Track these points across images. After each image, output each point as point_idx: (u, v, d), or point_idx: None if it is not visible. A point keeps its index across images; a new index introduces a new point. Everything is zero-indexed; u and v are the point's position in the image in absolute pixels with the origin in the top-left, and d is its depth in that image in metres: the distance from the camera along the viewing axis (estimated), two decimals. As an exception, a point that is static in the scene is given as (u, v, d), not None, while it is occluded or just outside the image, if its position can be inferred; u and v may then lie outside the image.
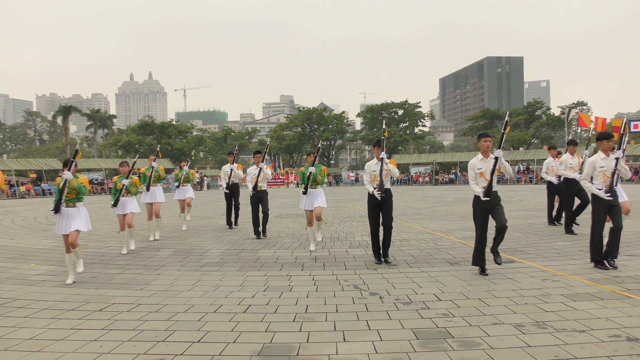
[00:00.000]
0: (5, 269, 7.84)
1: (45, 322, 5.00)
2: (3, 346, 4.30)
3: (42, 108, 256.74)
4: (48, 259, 8.81)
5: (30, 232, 13.03)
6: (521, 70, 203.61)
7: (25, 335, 4.60)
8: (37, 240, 11.24)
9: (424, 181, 50.68)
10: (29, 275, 7.42)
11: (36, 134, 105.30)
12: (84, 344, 4.32)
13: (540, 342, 4.13)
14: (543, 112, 68.80)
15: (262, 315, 5.09)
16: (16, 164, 45.21)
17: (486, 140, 6.75)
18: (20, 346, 4.30)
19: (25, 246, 10.38)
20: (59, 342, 4.38)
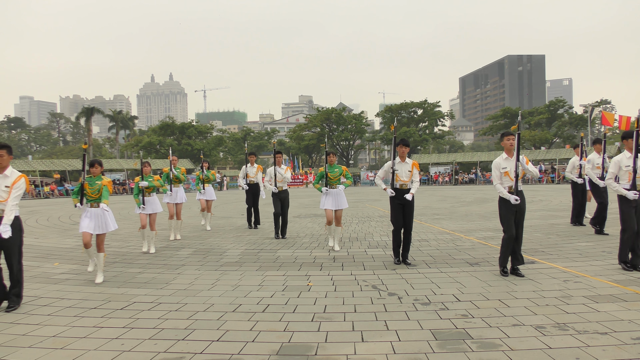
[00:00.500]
0: (30, 268, 8.01)
1: (69, 320, 5.10)
2: (27, 343, 4.39)
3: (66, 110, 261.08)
4: (71, 258, 8.97)
5: (54, 231, 13.27)
6: (543, 69, 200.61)
7: (49, 332, 4.69)
8: (60, 240, 11.45)
9: (444, 181, 50.33)
10: (53, 273, 7.56)
11: (60, 135, 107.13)
12: (106, 342, 4.39)
13: (561, 343, 4.08)
14: (565, 110, 67.80)
15: (280, 314, 5.11)
16: (41, 165, 46.09)
17: (509, 138, 6.68)
18: (44, 343, 4.39)
19: (49, 245, 10.57)
20: (82, 340, 4.46)
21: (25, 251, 9.64)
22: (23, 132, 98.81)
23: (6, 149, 5.65)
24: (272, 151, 11.02)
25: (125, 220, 16.16)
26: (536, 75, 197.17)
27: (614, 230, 10.35)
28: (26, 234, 12.65)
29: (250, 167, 12.44)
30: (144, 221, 9.37)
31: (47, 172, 47.00)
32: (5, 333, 4.69)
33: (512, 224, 6.60)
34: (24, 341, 4.45)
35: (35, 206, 25.22)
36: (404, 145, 7.61)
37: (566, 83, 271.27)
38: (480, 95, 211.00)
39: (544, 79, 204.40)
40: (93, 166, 7.03)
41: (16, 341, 4.45)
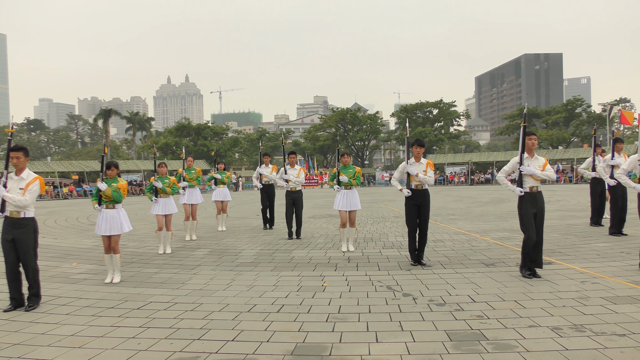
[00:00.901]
0: (49, 268, 8.13)
1: (86, 319, 5.17)
2: (46, 342, 4.46)
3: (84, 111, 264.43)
4: (89, 258, 9.08)
5: (72, 232, 13.45)
6: (560, 67, 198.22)
7: (67, 331, 4.76)
8: (78, 240, 11.60)
9: (460, 181, 50.00)
10: (71, 273, 7.67)
11: (78, 137, 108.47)
12: (123, 341, 4.44)
13: (579, 345, 4.03)
14: (583, 109, 66.94)
15: (295, 315, 5.13)
16: (59, 166, 46.74)
17: (531, 138, 6.63)
18: (62, 342, 4.45)
19: (67, 246, 10.72)
20: (99, 339, 4.52)
21: (44, 251, 9.83)
22: (42, 134, 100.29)
23: (22, 151, 5.74)
24: (283, 151, 11.07)
25: (142, 221, 16.32)
26: (553, 74, 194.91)
27: (634, 231, 10.22)
28: (45, 234, 12.84)
29: (265, 167, 12.48)
30: (160, 223, 9.45)
31: (66, 173, 47.64)
32: (25, 332, 4.77)
33: (530, 226, 6.53)
34: (42, 340, 4.52)
35: (53, 207, 25.58)
36: (418, 146, 7.58)
37: (584, 81, 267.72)
38: (497, 94, 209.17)
39: (562, 78, 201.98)
40: (109, 168, 7.10)
41: (35, 340, 4.53)
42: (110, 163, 7.16)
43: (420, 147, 7.60)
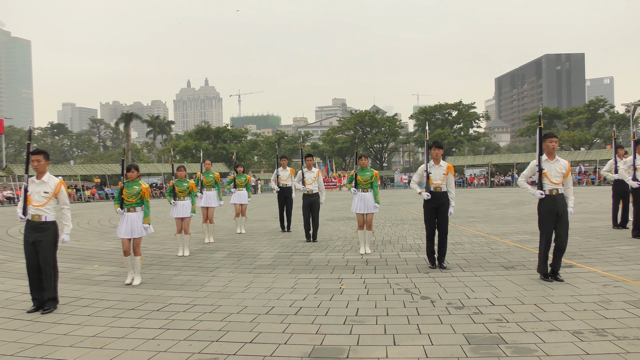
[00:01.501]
0: (71, 270, 8.26)
1: (107, 320, 5.25)
2: (68, 343, 4.54)
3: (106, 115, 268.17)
4: (110, 260, 9.21)
5: (94, 234, 13.65)
6: (582, 67, 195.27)
7: (88, 332, 4.84)
8: (100, 242, 11.78)
9: (479, 183, 49.54)
10: (93, 275, 7.79)
11: (100, 141, 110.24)
12: (143, 342, 4.50)
13: (600, 350, 3.97)
14: (606, 110, 65.93)
15: (313, 317, 5.14)
16: (82, 170, 47.51)
17: (552, 140, 6.55)
18: (84, 343, 4.53)
19: (89, 248, 10.89)
20: (120, 340, 4.59)
21: (66, 253, 10.00)
22: (65, 137, 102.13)
23: (43, 155, 5.84)
24: (302, 154, 11.12)
25: (162, 223, 16.49)
26: (575, 74, 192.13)
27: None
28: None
29: (283, 170, 12.52)
30: (179, 226, 9.55)
31: (88, 176, 48.36)
32: (48, 332, 4.86)
33: (548, 228, 6.46)
34: (65, 340, 4.60)
35: (76, 209, 25.99)
36: (436, 147, 7.55)
37: (607, 82, 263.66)
38: (517, 95, 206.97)
39: (584, 78, 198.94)
40: (129, 171, 7.20)
41: (58, 340, 4.61)
42: (130, 165, 7.25)
43: (438, 149, 7.55)
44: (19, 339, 4.68)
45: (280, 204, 12.83)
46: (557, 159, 6.55)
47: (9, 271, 8.29)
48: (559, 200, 6.47)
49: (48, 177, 5.85)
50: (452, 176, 7.53)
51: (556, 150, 6.64)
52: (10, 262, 9.22)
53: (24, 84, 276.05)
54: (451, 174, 7.52)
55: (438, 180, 7.50)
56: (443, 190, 7.50)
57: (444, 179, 7.50)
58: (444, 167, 7.51)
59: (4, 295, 6.53)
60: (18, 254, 10.10)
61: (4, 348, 4.42)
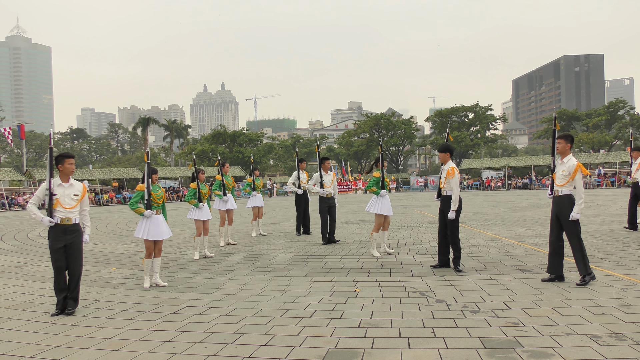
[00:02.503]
0: (90, 272, 8.37)
1: (124, 322, 5.30)
2: (86, 345, 4.60)
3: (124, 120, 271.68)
4: (128, 263, 9.31)
5: (112, 237, 13.81)
6: (602, 69, 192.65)
7: (105, 335, 4.90)
8: (118, 246, 11.91)
9: (496, 186, 49.10)
10: (111, 278, 7.88)
11: (118, 145, 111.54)
12: (159, 345, 4.54)
13: (618, 354, 3.91)
14: (626, 111, 64.96)
15: (327, 320, 5.14)
16: (100, 174, 48.12)
17: (558, 142, 6.55)
18: (101, 345, 4.59)
19: (107, 251, 11.02)
20: (136, 342, 4.63)
21: (84, 256, 10.10)
22: (84, 142, 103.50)
23: (74, 158, 5.97)
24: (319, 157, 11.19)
25: (179, 226, 16.63)
26: (594, 76, 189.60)
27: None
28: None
29: (302, 173, 12.60)
30: (199, 229, 9.62)
31: (106, 180, 48.96)
32: (66, 335, 4.93)
33: (550, 229, 6.65)
34: (82, 343, 4.66)
35: (94, 213, 26.32)
36: (439, 151, 7.69)
37: (627, 83, 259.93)
38: (535, 97, 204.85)
39: (603, 79, 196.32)
40: (155, 174, 7.32)
41: (76, 342, 4.67)
42: (155, 169, 7.36)
43: (440, 152, 7.69)
44: (38, 341, 4.75)
45: (298, 207, 12.86)
46: (564, 161, 6.51)
47: (29, 274, 8.43)
48: (557, 202, 6.51)
49: (73, 180, 5.95)
50: (452, 179, 7.45)
51: (571, 152, 6.59)
52: (31, 265, 9.37)
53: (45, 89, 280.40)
54: (450, 177, 7.46)
55: (442, 184, 7.61)
56: (446, 194, 7.48)
57: (445, 182, 7.52)
58: (445, 170, 7.54)
59: (23, 298, 6.64)
60: (38, 257, 10.26)
61: (24, 350, 4.50)
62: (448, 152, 7.62)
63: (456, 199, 7.37)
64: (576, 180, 6.40)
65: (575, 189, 6.41)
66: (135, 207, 7.07)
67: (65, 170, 5.83)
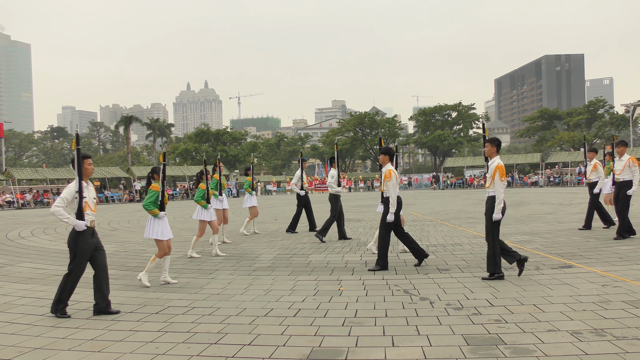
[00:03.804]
0: (71, 273, 8.24)
1: (106, 323, 5.24)
2: (67, 346, 4.54)
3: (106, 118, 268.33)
4: (110, 263, 9.09)
5: (93, 237, 13.62)
6: (582, 68, 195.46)
7: (87, 336, 4.83)
8: (100, 245, 11.74)
9: (479, 184, 49.53)
10: (91, 279, 7.75)
11: (100, 144, 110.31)
12: (141, 345, 4.50)
13: (599, 350, 3.97)
14: (606, 110, 65.96)
15: (311, 319, 5.14)
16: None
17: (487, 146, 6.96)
18: (82, 346, 4.52)
19: (89, 251, 10.86)
20: (118, 343, 4.58)
21: (66, 257, 9.95)
22: (65, 141, 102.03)
23: (91, 158, 5.86)
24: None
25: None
26: (575, 75, 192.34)
27: (657, 233, 10.04)
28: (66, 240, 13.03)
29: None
30: (203, 230, 9.65)
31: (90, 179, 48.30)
32: (46, 336, 4.85)
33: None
34: (63, 344, 4.59)
35: (76, 213, 26.00)
36: (380, 153, 7.84)
37: (607, 82, 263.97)
38: (517, 96, 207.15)
39: (583, 79, 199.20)
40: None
41: (56, 344, 4.60)
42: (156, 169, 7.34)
43: (380, 154, 7.84)
44: (18, 342, 4.67)
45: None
46: (489, 163, 6.77)
47: (8, 275, 8.29)
48: (486, 203, 6.84)
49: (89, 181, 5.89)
50: (389, 182, 7.51)
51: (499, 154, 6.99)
52: (10, 266, 9.21)
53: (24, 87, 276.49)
54: (387, 180, 7.55)
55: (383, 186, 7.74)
56: (386, 196, 7.59)
57: (384, 184, 7.64)
58: (383, 172, 7.66)
59: (2, 299, 6.53)
60: (17, 258, 10.10)
61: (3, 352, 4.42)
62: (387, 155, 7.74)
63: (394, 201, 7.46)
64: (495, 182, 6.63)
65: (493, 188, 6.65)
66: (151, 209, 7.00)
67: (85, 172, 5.70)
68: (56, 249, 11.26)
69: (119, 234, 14.41)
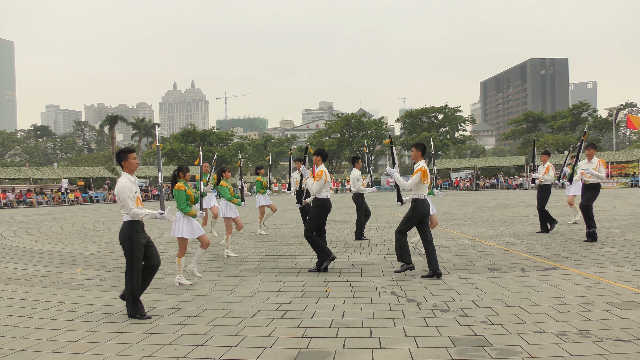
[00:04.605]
0: (54, 274, 8.16)
1: (91, 325, 5.18)
2: (50, 348, 4.47)
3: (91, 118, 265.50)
4: (94, 264, 9.11)
5: (78, 238, 13.50)
6: (566, 72, 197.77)
7: (71, 337, 4.77)
8: (84, 246, 11.64)
9: (465, 186, 49.87)
10: (76, 279, 7.69)
11: (84, 143, 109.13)
12: (127, 347, 4.45)
13: (583, 351, 4.01)
14: (589, 114, 66.82)
15: (298, 320, 5.12)
16: (65, 172, 46.97)
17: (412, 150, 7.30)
18: (66, 348, 4.46)
19: (73, 251, 10.76)
20: (103, 345, 4.53)
21: (49, 257, 9.89)
22: (49, 140, 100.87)
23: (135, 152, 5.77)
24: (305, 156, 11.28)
25: (147, 227, 16.32)
26: (559, 79, 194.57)
27: (638, 236, 10.18)
28: (50, 240, 12.90)
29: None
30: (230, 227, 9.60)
31: (72, 179, 47.84)
32: (29, 338, 4.78)
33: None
34: (47, 346, 4.53)
35: (59, 213, 25.70)
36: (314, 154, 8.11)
37: (590, 86, 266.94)
38: (502, 99, 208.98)
39: (567, 83, 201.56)
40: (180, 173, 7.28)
41: (39, 346, 4.54)
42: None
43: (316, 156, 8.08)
44: (0, 345, 4.60)
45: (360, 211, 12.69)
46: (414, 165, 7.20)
47: (-10, 275, 8.15)
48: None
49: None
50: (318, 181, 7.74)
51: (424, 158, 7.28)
52: (-8, 266, 9.06)
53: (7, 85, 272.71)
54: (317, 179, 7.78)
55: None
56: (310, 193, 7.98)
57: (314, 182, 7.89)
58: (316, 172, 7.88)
59: (-16, 300, 6.42)
60: (0, 258, 9.94)
61: (-16, 354, 4.35)
62: (320, 156, 8.00)
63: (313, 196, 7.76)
64: (414, 178, 7.05)
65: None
66: (187, 211, 7.00)
67: (131, 167, 5.62)
68: (39, 250, 11.12)
69: (104, 234, 14.27)
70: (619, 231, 11.19)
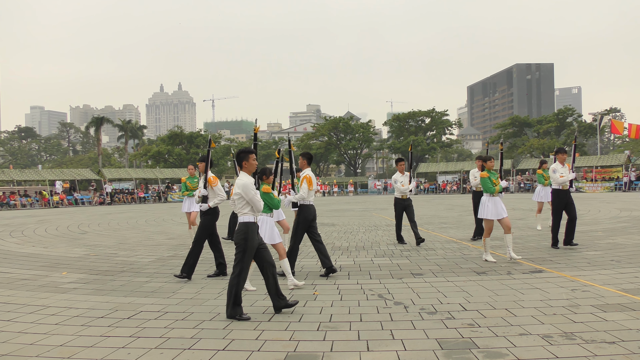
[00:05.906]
0: (39, 277, 8.06)
1: (76, 329, 5.12)
2: (35, 352, 4.42)
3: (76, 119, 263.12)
4: (79, 267, 9.01)
5: (62, 240, 13.34)
6: (551, 77, 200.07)
7: (56, 342, 4.71)
8: (69, 249, 11.51)
9: (452, 190, 50.15)
10: (61, 283, 7.60)
11: (70, 145, 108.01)
12: (113, 351, 4.41)
13: (569, 353, 4.05)
14: (574, 119, 67.55)
15: (286, 324, 5.11)
16: (50, 174, 46.38)
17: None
18: (51, 352, 4.41)
19: (57, 255, 10.64)
20: (89, 349, 4.48)
21: (34, 260, 9.77)
22: (33, 141, 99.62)
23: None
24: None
25: (133, 229, 16.23)
26: (545, 84, 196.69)
27: (624, 240, 10.30)
28: (35, 243, 12.74)
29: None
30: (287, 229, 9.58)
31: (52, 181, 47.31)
32: (13, 342, 4.72)
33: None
34: (31, 351, 4.47)
35: (44, 215, 25.39)
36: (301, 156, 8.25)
37: (575, 91, 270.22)
38: (489, 103, 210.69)
39: (553, 88, 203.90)
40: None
41: (23, 351, 4.48)
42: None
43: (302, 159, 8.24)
44: (-17, 348, 4.53)
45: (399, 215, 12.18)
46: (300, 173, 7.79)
47: (-27, 279, 8.03)
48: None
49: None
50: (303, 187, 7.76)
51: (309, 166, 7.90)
52: (-26, 269, 8.93)
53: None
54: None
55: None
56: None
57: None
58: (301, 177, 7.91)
59: (-33, 304, 6.32)
60: (-17, 261, 9.81)
61: (-33, 358, 4.28)
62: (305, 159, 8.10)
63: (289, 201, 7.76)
64: (302, 188, 7.57)
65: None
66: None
67: (250, 167, 5.74)
68: (23, 253, 10.98)
69: (89, 237, 14.12)
70: (604, 235, 11.32)
